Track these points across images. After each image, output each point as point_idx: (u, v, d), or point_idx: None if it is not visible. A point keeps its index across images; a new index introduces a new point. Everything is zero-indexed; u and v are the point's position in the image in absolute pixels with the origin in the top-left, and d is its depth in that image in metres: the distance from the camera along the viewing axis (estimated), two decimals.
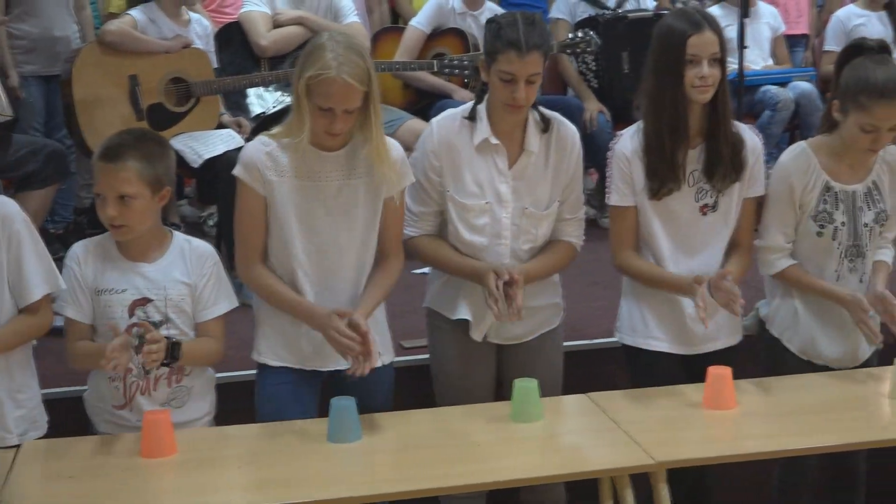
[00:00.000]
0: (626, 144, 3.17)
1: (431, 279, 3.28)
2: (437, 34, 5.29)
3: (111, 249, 2.91)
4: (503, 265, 3.02)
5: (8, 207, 2.83)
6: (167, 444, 2.69)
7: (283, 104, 4.64)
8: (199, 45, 4.73)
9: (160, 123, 4.47)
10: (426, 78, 5.21)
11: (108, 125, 4.19)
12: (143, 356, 2.73)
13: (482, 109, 3.10)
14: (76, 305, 2.88)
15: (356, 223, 2.95)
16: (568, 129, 3.17)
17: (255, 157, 2.91)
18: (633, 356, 3.29)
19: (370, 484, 2.57)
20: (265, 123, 4.18)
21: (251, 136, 4.02)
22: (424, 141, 3.13)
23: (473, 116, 3.10)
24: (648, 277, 3.19)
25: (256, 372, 3.07)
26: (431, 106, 5.04)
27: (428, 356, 3.33)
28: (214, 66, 4.75)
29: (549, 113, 3.15)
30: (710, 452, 2.78)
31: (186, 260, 2.93)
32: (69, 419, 3.04)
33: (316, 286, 2.95)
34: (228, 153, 4.22)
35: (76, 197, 5.23)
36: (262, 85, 4.79)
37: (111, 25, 4.59)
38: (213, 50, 4.81)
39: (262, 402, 3.03)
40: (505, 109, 3.03)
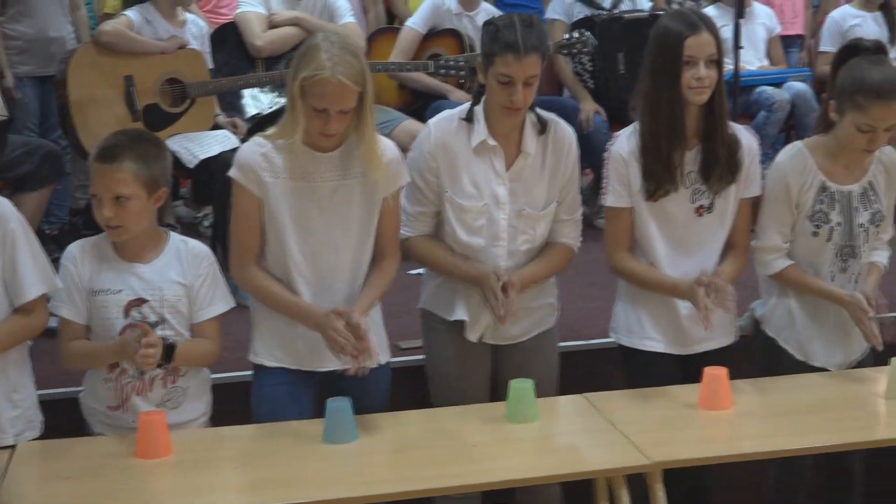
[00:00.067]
0: (622, 146, 3.16)
1: (426, 280, 3.28)
2: (432, 35, 5.28)
3: (107, 250, 2.91)
4: (501, 269, 3.03)
5: (2, 207, 2.82)
6: (163, 444, 2.69)
7: (278, 105, 4.63)
8: (194, 45, 4.72)
9: (155, 124, 4.46)
10: (422, 79, 5.20)
11: (103, 126, 4.18)
12: (138, 357, 2.73)
13: (479, 111, 3.09)
14: (71, 306, 2.88)
15: (351, 223, 2.95)
16: (564, 130, 3.17)
17: (250, 158, 2.90)
18: (628, 357, 3.29)
19: (366, 484, 2.57)
20: (261, 125, 4.17)
21: (247, 137, 4.01)
22: (421, 142, 3.12)
23: (471, 118, 3.09)
24: (643, 279, 3.19)
25: (253, 373, 3.06)
26: (427, 107, 5.04)
27: (423, 357, 3.33)
28: (210, 66, 4.74)
29: (545, 114, 3.15)
30: (705, 453, 2.78)
31: (182, 260, 2.93)
32: (65, 420, 3.04)
33: (312, 287, 2.94)
34: (224, 154, 4.22)
35: (71, 198, 5.22)
36: (257, 86, 4.79)
37: (106, 26, 4.58)
38: (208, 50, 4.80)
39: (258, 402, 3.03)
40: (503, 111, 3.02)
